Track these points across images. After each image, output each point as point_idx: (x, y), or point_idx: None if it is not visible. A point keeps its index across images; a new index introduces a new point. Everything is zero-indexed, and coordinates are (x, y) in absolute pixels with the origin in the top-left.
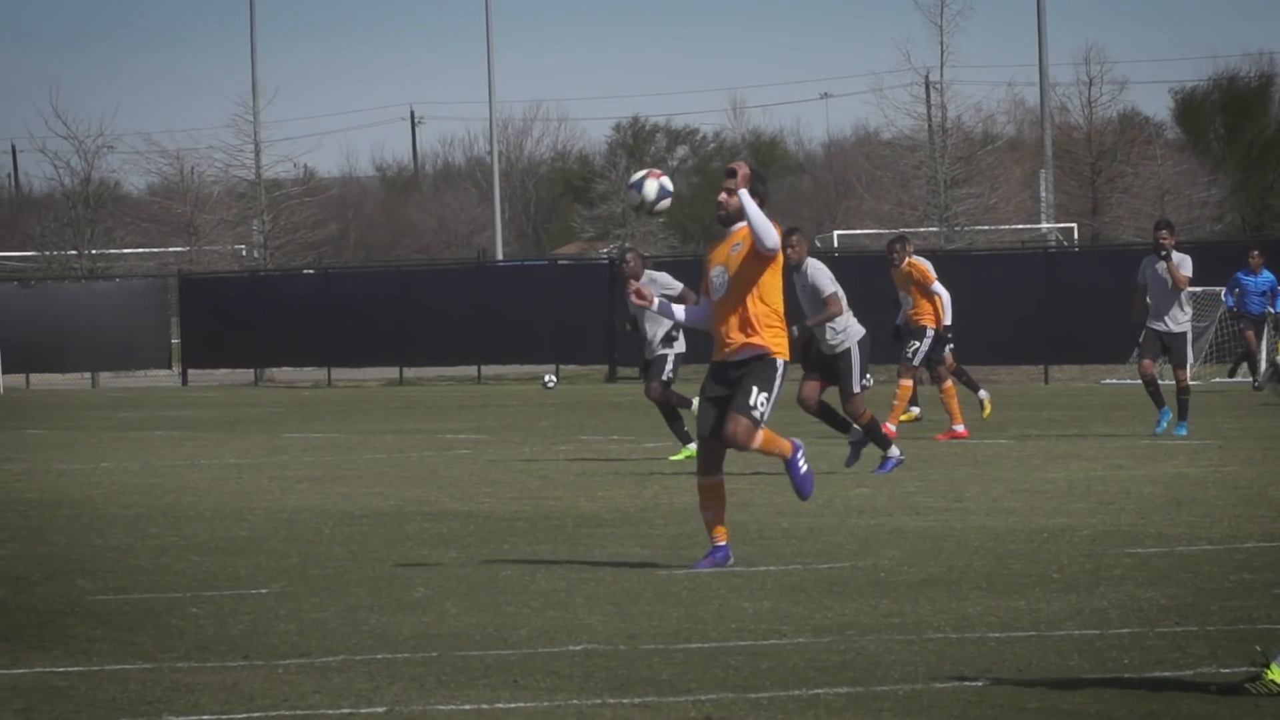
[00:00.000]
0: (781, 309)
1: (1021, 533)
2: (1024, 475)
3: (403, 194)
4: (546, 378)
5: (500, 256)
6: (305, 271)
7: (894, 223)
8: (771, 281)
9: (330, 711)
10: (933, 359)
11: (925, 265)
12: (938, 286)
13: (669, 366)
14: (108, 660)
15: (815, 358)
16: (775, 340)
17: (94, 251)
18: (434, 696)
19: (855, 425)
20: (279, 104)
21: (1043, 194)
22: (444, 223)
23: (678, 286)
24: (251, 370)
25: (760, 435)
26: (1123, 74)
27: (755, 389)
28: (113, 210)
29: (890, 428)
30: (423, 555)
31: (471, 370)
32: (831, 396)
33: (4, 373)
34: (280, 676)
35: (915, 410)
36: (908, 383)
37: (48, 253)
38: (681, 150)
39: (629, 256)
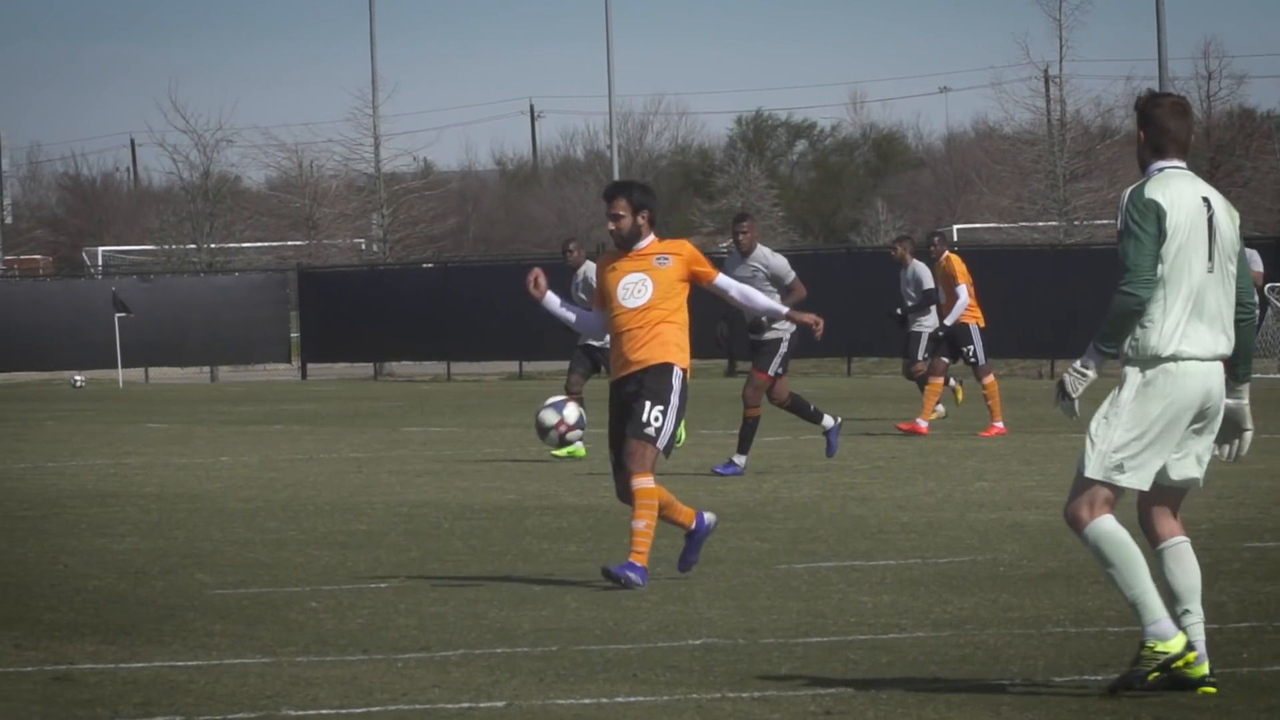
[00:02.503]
0: (686, 321)
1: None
2: None
3: (522, 188)
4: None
5: None
6: (424, 265)
7: (1013, 217)
8: (684, 304)
9: (449, 706)
10: (934, 353)
11: (958, 263)
12: (960, 288)
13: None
14: (226, 654)
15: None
16: (682, 353)
17: (213, 245)
18: (553, 690)
19: (827, 416)
20: (398, 98)
21: None
22: (563, 216)
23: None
24: (370, 364)
25: (649, 478)
26: (1241, 68)
27: (648, 404)
28: (231, 204)
29: (997, 426)
30: (542, 549)
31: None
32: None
33: (123, 366)
34: (399, 671)
35: (940, 409)
36: (990, 380)
37: (167, 246)
38: (800, 144)
39: (571, 246)
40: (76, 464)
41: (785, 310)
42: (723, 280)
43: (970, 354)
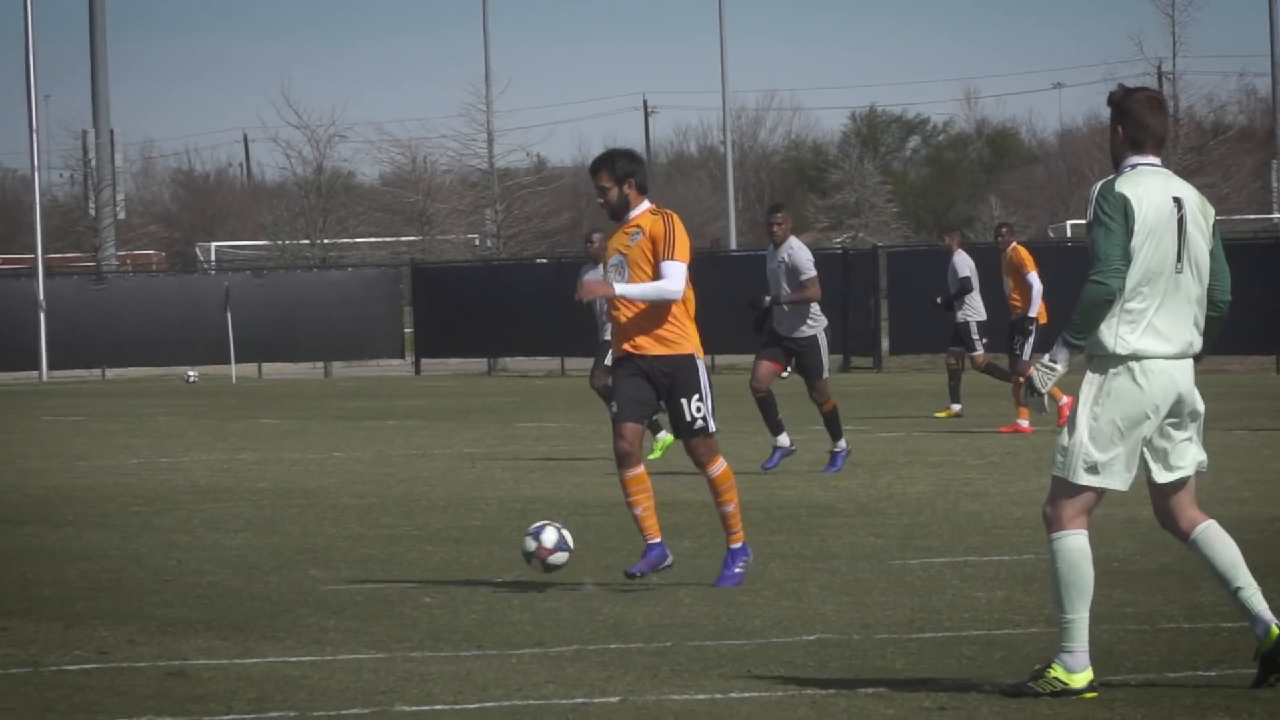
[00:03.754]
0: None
1: (1254, 522)
2: (1256, 465)
3: None
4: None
5: (734, 245)
6: (538, 261)
7: None
8: None
9: (563, 701)
10: (971, 348)
11: (1025, 254)
12: (1032, 277)
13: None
14: (340, 650)
15: (770, 336)
16: (698, 342)
17: (326, 241)
18: (668, 686)
19: (785, 434)
20: (512, 93)
21: (1275, 184)
22: (678, 211)
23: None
24: (484, 360)
25: (719, 460)
26: None
27: (685, 403)
28: (345, 199)
29: (1022, 424)
30: None
31: (709, 359)
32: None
33: (236, 362)
34: (514, 666)
35: (956, 407)
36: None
37: (280, 242)
38: (914, 140)
39: (595, 237)
40: (190, 459)
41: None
42: (672, 269)
43: (1018, 346)
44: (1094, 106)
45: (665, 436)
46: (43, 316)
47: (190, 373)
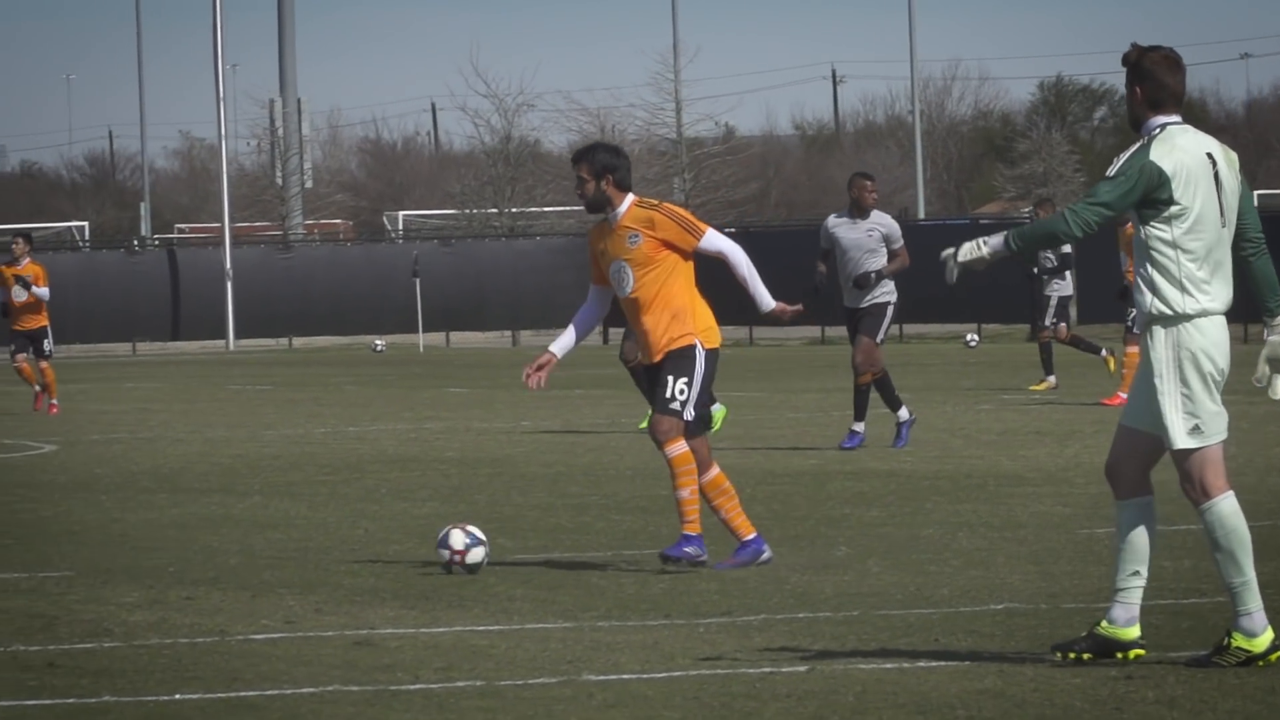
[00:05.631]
0: (694, 288)
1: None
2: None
3: (823, 152)
4: (969, 337)
5: (922, 215)
6: (726, 230)
7: None
8: (685, 267)
9: (751, 670)
10: (1060, 318)
11: None
12: None
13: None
14: (528, 619)
15: (847, 318)
16: (702, 328)
17: (514, 210)
18: (855, 655)
19: (903, 408)
20: (700, 62)
21: None
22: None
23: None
24: None
25: (680, 443)
26: None
27: (671, 379)
28: (533, 168)
29: (1123, 396)
30: (844, 514)
31: (894, 329)
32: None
33: (424, 331)
34: (701, 635)
35: (1051, 379)
36: (1133, 350)
37: (468, 211)
38: (1100, 110)
39: None
40: (377, 428)
41: (772, 305)
42: (713, 241)
43: (1131, 320)
44: None
45: (719, 409)
46: (229, 286)
47: (377, 342)
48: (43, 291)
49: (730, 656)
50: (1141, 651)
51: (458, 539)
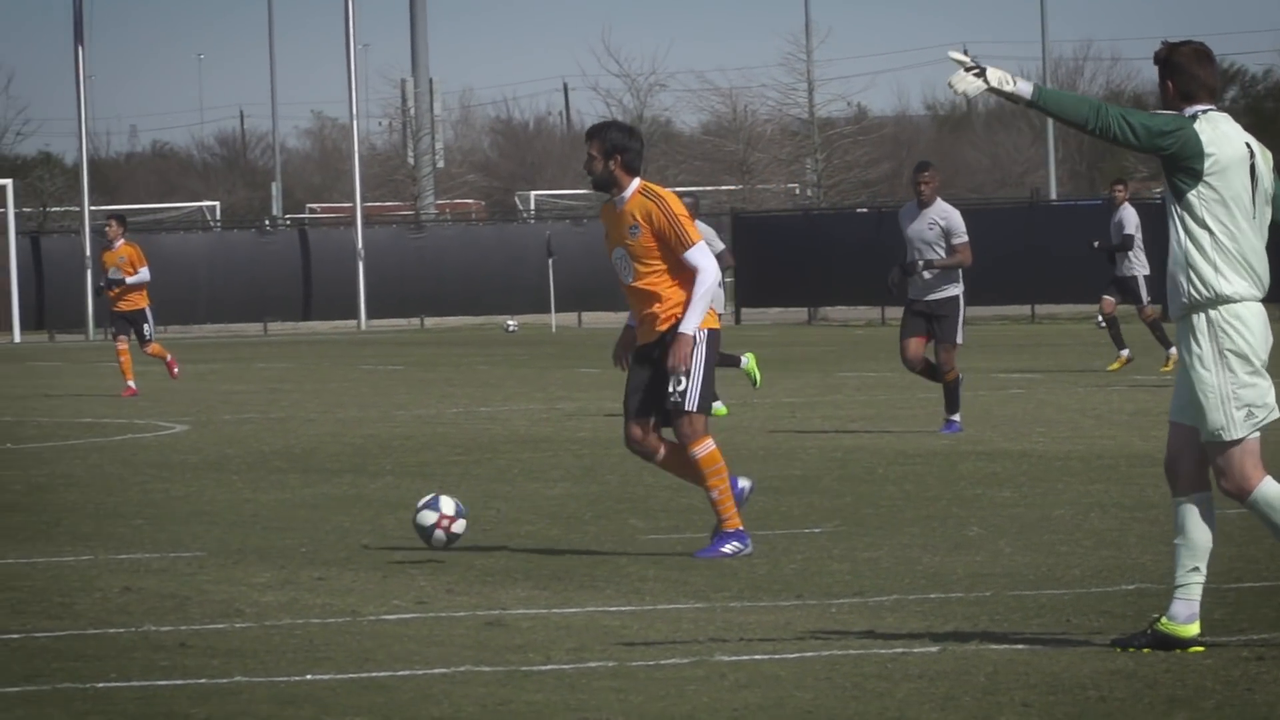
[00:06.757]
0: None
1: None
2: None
3: (955, 132)
4: (1099, 317)
5: (1054, 196)
6: (859, 210)
7: None
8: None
9: (883, 651)
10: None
11: None
12: None
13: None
14: (660, 599)
15: (907, 307)
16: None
17: None
18: (987, 636)
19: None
20: (832, 43)
21: None
22: (997, 161)
23: (719, 245)
24: (804, 309)
25: (706, 441)
26: None
27: (670, 380)
28: (665, 148)
29: None
30: (976, 495)
31: (1025, 309)
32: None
33: (556, 311)
34: (833, 616)
35: (1125, 353)
36: None
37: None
38: (1232, 90)
39: (684, 201)
40: (509, 409)
41: (687, 330)
42: (695, 256)
43: None
44: None
45: (748, 362)
46: (361, 266)
47: (510, 322)
48: (141, 275)
49: (862, 637)
50: (1200, 649)
51: (448, 504)
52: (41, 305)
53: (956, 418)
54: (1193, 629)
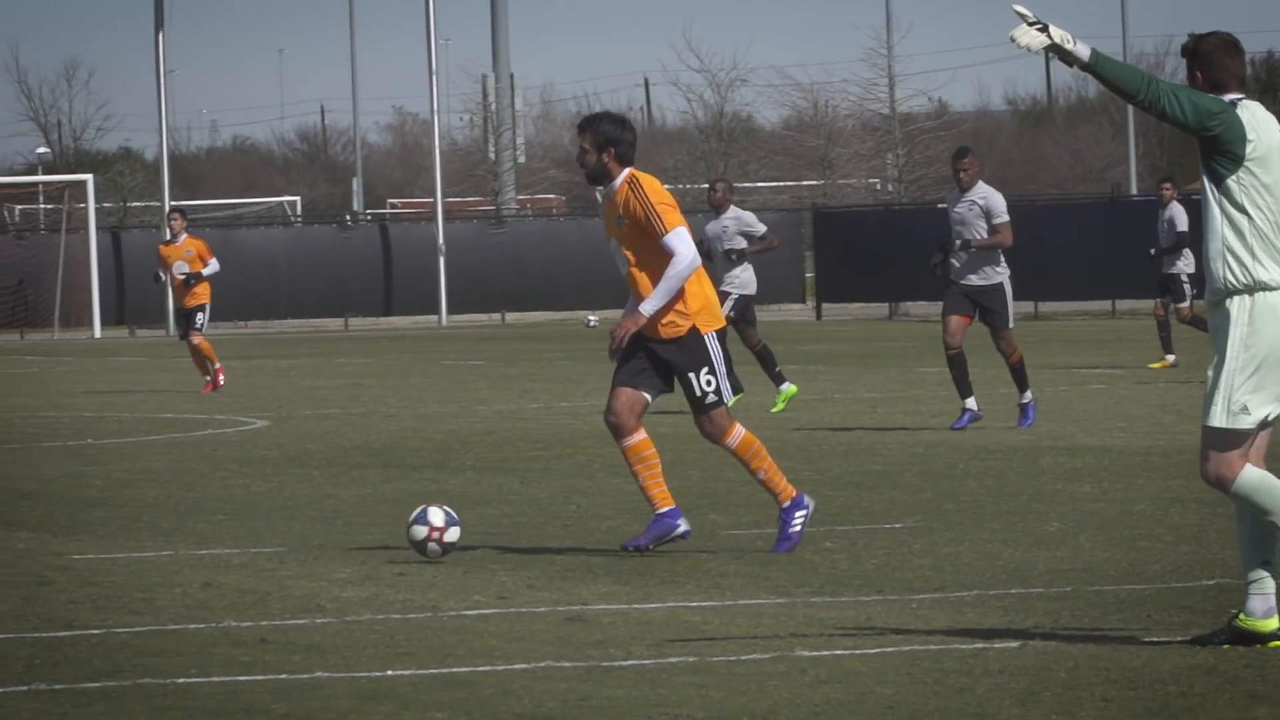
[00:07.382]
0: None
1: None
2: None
3: (1036, 128)
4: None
5: (1134, 191)
6: (939, 206)
7: None
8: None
9: (963, 646)
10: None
11: None
12: None
13: None
14: (741, 595)
15: (951, 288)
16: (696, 308)
17: None
18: (1068, 631)
19: (971, 399)
20: (913, 38)
21: None
22: (1078, 156)
23: (760, 227)
24: (885, 304)
25: (735, 429)
26: None
27: (694, 378)
28: (745, 143)
29: None
30: (1057, 490)
31: (1106, 304)
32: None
33: None
34: (914, 611)
35: (1170, 358)
36: None
37: (681, 186)
38: None
39: (719, 186)
40: (589, 404)
41: (644, 312)
42: (673, 242)
43: None
44: None
45: (788, 388)
46: (442, 261)
47: (591, 317)
48: (212, 266)
49: (943, 632)
50: (1278, 643)
51: (437, 516)
52: (122, 301)
53: (1028, 397)
54: (1271, 623)
